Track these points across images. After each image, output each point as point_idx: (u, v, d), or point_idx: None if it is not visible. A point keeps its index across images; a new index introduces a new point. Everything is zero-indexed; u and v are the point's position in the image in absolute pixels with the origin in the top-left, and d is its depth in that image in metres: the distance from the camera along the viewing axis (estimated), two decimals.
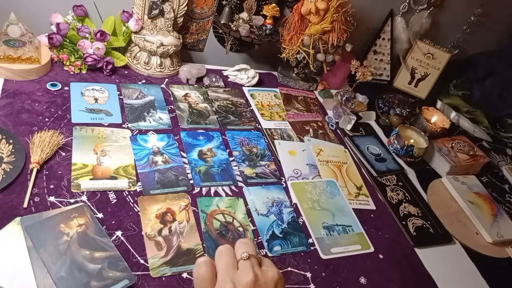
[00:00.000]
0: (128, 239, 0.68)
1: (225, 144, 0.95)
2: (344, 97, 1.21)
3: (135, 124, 0.91)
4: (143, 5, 1.03)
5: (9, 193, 0.67)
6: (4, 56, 0.89)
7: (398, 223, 0.92)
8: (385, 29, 1.40)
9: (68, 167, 0.75)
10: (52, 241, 0.61)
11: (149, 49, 1.05)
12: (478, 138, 1.40)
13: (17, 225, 0.62)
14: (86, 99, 0.93)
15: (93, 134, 0.84)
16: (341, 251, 0.80)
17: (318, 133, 1.12)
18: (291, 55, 1.18)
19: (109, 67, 1.00)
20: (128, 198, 0.75)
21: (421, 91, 1.49)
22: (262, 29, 1.17)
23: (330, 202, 0.90)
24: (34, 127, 0.81)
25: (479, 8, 1.46)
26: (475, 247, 0.94)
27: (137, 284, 0.62)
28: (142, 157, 0.83)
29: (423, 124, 1.22)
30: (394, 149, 1.13)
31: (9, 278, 0.56)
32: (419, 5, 1.38)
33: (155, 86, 1.05)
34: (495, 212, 1.06)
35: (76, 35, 0.99)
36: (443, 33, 1.51)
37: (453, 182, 1.10)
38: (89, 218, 0.67)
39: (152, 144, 0.87)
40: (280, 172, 0.94)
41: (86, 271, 0.59)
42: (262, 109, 1.11)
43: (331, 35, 1.13)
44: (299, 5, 1.12)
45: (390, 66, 1.46)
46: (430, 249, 0.90)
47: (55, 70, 0.97)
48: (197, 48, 1.25)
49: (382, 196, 0.98)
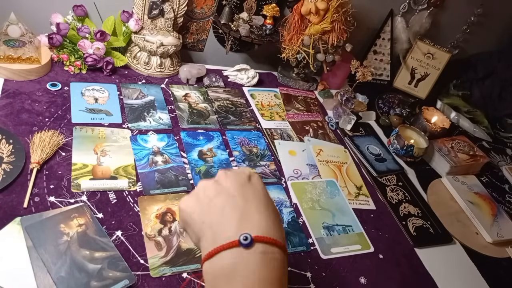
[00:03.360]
0: (128, 239, 0.68)
1: (225, 144, 0.95)
2: (344, 97, 1.21)
3: (135, 124, 0.91)
4: (143, 5, 1.03)
5: (9, 193, 0.67)
6: (4, 56, 0.89)
7: (398, 223, 0.92)
8: (385, 29, 1.40)
9: (68, 167, 0.75)
10: (52, 241, 0.61)
11: (149, 49, 1.05)
12: (478, 138, 1.40)
13: (17, 225, 0.62)
14: (86, 99, 0.93)
15: (93, 134, 0.84)
16: (341, 251, 0.80)
17: (318, 133, 1.12)
18: (291, 55, 1.18)
19: (109, 67, 1.00)
20: (128, 198, 0.75)
21: (421, 91, 1.49)
22: (262, 29, 1.17)
23: (330, 202, 0.90)
24: (34, 127, 0.81)
25: (479, 8, 1.46)
26: (475, 247, 0.94)
27: (137, 284, 0.61)
28: (142, 157, 0.83)
29: (423, 124, 1.22)
30: (394, 149, 1.13)
31: (9, 278, 0.56)
32: (419, 5, 1.38)
33: (155, 86, 1.05)
34: (495, 212, 1.06)
35: (76, 35, 0.99)
36: (443, 33, 1.51)
37: (453, 182, 1.10)
38: (89, 218, 0.67)
39: (152, 144, 0.87)
40: (280, 172, 0.94)
41: (86, 271, 0.59)
42: (262, 109, 1.11)
43: (331, 35, 1.13)
44: (299, 5, 1.11)
45: (390, 66, 1.46)
46: (430, 249, 0.90)
47: (55, 70, 0.97)
48: (197, 48, 1.25)
49: (382, 196, 0.98)
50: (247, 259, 0.41)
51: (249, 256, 0.41)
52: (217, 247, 0.42)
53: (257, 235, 0.41)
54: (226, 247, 0.41)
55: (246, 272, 0.40)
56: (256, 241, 0.41)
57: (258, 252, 0.41)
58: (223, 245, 0.41)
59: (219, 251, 0.42)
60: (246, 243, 0.40)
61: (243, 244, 0.41)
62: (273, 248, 0.42)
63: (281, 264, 0.42)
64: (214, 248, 0.42)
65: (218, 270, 0.41)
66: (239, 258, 0.41)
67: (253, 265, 0.40)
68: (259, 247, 0.41)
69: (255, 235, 0.41)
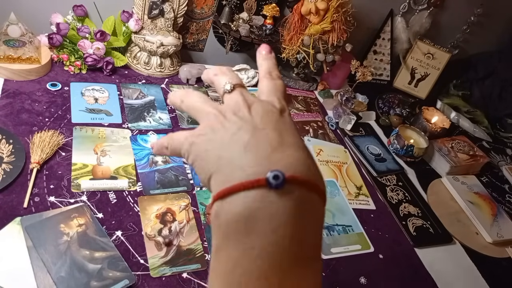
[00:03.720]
0: (128, 239, 0.68)
1: None
2: (344, 97, 1.21)
3: (135, 124, 0.91)
4: (143, 5, 1.03)
5: (9, 193, 0.67)
6: (4, 56, 0.89)
7: (398, 223, 0.92)
8: (385, 29, 1.40)
9: (68, 167, 0.75)
10: (52, 241, 0.61)
11: (149, 49, 1.04)
12: (478, 138, 1.40)
13: (17, 225, 0.62)
14: (86, 99, 0.93)
15: (93, 134, 0.84)
16: (341, 251, 0.80)
17: (318, 133, 1.12)
18: (291, 55, 1.18)
19: (109, 67, 1.00)
20: (128, 198, 0.75)
21: (421, 91, 1.49)
22: (262, 29, 1.17)
23: (330, 202, 0.90)
24: (34, 127, 0.81)
25: (479, 8, 1.46)
26: (475, 247, 0.94)
27: (137, 284, 0.61)
28: (142, 157, 0.83)
29: (423, 124, 1.22)
30: (394, 149, 1.13)
31: (9, 278, 0.56)
32: (419, 5, 1.38)
33: (155, 86, 1.05)
34: (495, 212, 1.06)
35: (76, 35, 0.99)
36: (443, 33, 1.51)
37: (453, 182, 1.10)
38: (89, 218, 0.67)
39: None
40: None
41: (86, 271, 0.59)
42: None
43: (331, 35, 1.13)
44: (299, 5, 1.11)
45: (390, 66, 1.46)
46: (430, 249, 0.90)
47: (55, 70, 0.97)
48: (197, 48, 1.25)
49: (382, 196, 0.98)
50: (277, 204, 0.29)
51: (279, 201, 0.29)
52: (236, 183, 0.30)
53: (293, 174, 0.30)
54: (249, 185, 0.30)
55: (273, 223, 0.29)
56: (289, 182, 0.29)
57: (290, 198, 0.29)
58: (245, 182, 0.30)
59: (238, 189, 0.30)
60: (277, 182, 0.29)
61: (272, 184, 0.29)
62: (311, 194, 0.31)
63: (320, 216, 0.32)
64: (232, 186, 0.30)
65: (234, 215, 0.30)
66: (266, 203, 0.29)
67: (283, 214, 0.29)
68: (293, 191, 0.30)
69: (289, 174, 0.29)
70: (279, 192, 0.29)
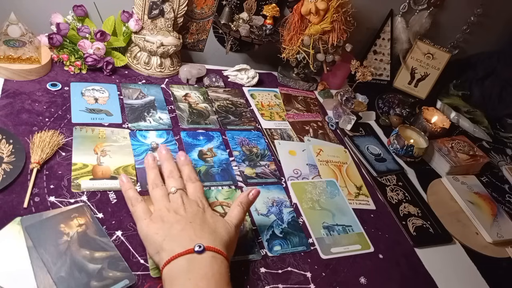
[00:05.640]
0: (128, 239, 0.68)
1: (225, 144, 0.95)
2: (344, 97, 1.21)
3: (135, 124, 0.91)
4: (143, 5, 1.03)
5: (9, 193, 0.67)
6: (4, 56, 0.89)
7: (398, 223, 0.92)
8: (385, 29, 1.40)
9: (68, 167, 0.75)
10: (52, 241, 0.61)
11: (149, 49, 1.05)
12: (478, 138, 1.41)
13: (17, 225, 0.62)
14: (86, 99, 0.93)
15: (93, 134, 0.84)
16: (341, 251, 0.80)
17: (318, 133, 1.12)
18: (291, 55, 1.18)
19: (109, 67, 1.00)
20: None
21: (421, 91, 1.49)
22: (262, 29, 1.17)
23: (330, 202, 0.90)
24: (34, 127, 0.81)
25: (479, 8, 1.46)
26: (475, 247, 0.94)
27: (137, 284, 0.61)
28: (140, 153, 0.83)
29: (423, 124, 1.22)
30: (394, 149, 1.13)
31: (9, 278, 0.56)
32: (419, 5, 1.38)
33: (155, 86, 1.05)
34: (495, 212, 1.06)
35: (76, 35, 0.99)
36: (443, 33, 1.51)
37: (453, 182, 1.10)
38: (89, 218, 0.67)
39: (151, 140, 0.88)
40: (280, 172, 0.94)
41: (86, 271, 0.59)
42: (262, 109, 1.11)
43: (331, 35, 1.13)
44: (299, 5, 1.12)
45: (390, 66, 1.46)
46: (430, 249, 0.90)
47: (55, 70, 0.97)
48: (197, 48, 1.25)
49: (382, 196, 0.98)
50: (200, 260, 0.55)
51: (201, 259, 0.55)
52: (176, 254, 0.55)
53: (208, 245, 0.56)
54: (184, 253, 0.55)
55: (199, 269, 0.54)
56: (206, 250, 0.56)
57: (208, 256, 0.56)
58: (181, 252, 0.55)
59: (177, 256, 0.55)
60: (200, 250, 0.55)
61: (197, 251, 0.55)
62: (219, 255, 0.57)
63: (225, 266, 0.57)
64: (174, 255, 0.55)
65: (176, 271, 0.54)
66: (194, 260, 0.55)
67: (204, 265, 0.55)
68: (209, 253, 0.56)
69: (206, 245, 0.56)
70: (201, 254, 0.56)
